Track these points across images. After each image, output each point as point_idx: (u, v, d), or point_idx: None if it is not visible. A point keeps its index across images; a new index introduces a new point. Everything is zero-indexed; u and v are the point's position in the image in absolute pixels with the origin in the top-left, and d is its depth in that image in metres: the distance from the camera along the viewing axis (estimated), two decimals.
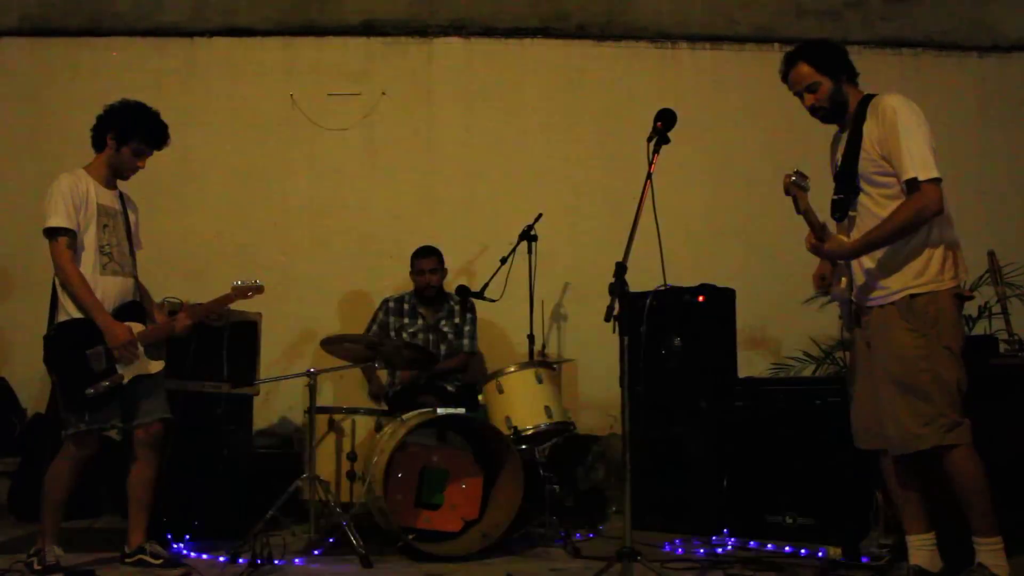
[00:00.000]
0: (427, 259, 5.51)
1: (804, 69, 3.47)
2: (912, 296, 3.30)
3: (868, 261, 3.39)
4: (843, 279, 3.48)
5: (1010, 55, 6.84)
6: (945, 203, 3.32)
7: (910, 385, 3.26)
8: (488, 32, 6.74)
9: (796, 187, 3.25)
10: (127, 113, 3.98)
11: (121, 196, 4.10)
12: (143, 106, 4.02)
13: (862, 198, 3.39)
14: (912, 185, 3.25)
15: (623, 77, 6.73)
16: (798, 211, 3.31)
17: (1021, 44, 6.87)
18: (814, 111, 3.52)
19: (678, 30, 6.80)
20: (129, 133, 3.94)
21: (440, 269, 5.58)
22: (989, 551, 3.22)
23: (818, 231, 3.38)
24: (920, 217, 3.25)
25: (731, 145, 6.64)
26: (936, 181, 3.24)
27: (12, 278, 6.19)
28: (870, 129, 3.36)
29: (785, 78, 3.54)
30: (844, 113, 3.50)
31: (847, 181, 3.43)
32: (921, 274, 3.31)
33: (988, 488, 3.24)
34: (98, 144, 4.00)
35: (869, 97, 3.44)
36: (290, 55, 6.68)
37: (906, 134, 3.26)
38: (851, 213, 3.41)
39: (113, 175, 4.03)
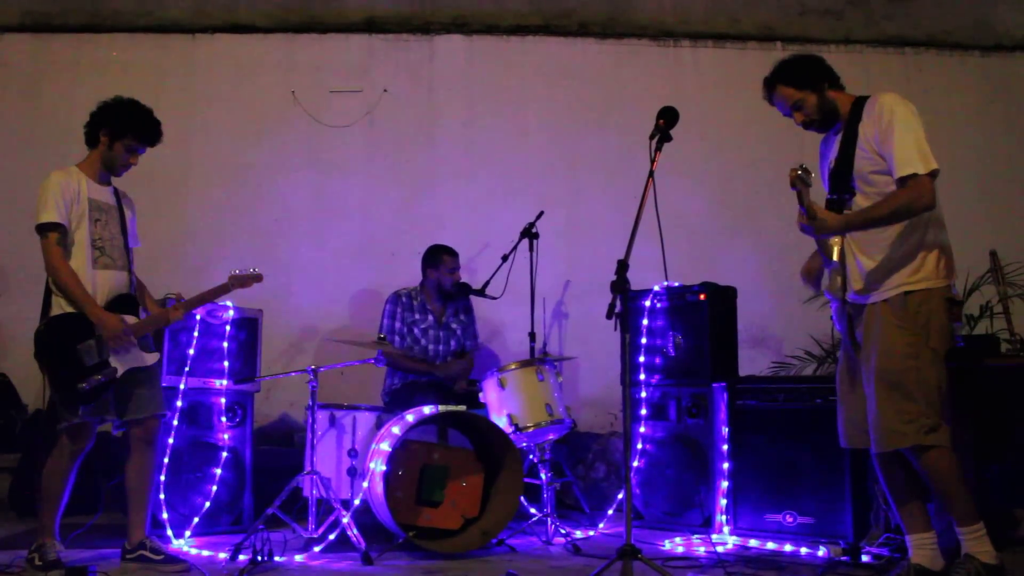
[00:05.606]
0: (455, 258, 5.51)
1: (785, 91, 3.52)
2: (907, 293, 3.32)
3: (865, 260, 3.40)
4: (838, 278, 3.46)
5: (1013, 55, 6.83)
6: (939, 207, 3.34)
7: (896, 382, 3.28)
8: (490, 29, 6.73)
9: (800, 181, 3.24)
10: (120, 110, 3.99)
11: (116, 192, 4.10)
12: (136, 103, 4.03)
13: (858, 198, 3.38)
14: (905, 182, 3.24)
15: (625, 75, 6.72)
16: (801, 205, 3.31)
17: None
18: (807, 126, 3.56)
19: (680, 28, 6.80)
20: (122, 130, 3.95)
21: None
22: (973, 539, 3.25)
23: (811, 216, 3.35)
24: (912, 206, 3.24)
25: (733, 143, 6.63)
26: (932, 175, 3.24)
27: (12, 274, 6.18)
28: (866, 128, 3.37)
29: (771, 102, 3.58)
30: (836, 118, 3.51)
31: (842, 181, 3.42)
32: (916, 272, 3.33)
33: (963, 479, 3.27)
34: (91, 140, 4.01)
35: (863, 98, 3.45)
36: (291, 52, 6.68)
37: (902, 130, 3.26)
38: (846, 212, 3.39)
39: (107, 171, 4.04)
